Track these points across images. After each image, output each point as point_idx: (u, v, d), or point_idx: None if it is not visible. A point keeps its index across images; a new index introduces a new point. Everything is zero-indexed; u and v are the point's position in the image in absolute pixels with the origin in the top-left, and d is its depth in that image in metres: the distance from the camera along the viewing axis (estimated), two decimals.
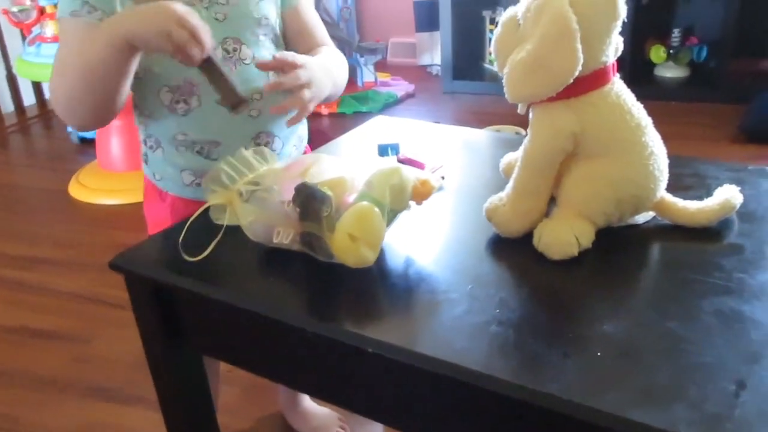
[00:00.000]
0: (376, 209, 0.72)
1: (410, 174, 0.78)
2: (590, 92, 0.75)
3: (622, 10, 0.74)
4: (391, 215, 0.76)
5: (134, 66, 0.89)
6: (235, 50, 0.98)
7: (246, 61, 0.98)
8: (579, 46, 0.71)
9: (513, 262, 0.77)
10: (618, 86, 0.78)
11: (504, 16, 0.79)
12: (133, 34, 0.83)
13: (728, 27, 3.13)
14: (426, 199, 0.80)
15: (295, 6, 1.08)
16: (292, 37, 1.09)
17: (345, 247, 0.70)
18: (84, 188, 2.66)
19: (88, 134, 3.06)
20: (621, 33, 0.77)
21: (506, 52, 0.77)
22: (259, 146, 0.95)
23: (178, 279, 0.76)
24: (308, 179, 0.76)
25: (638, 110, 0.78)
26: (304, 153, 1.13)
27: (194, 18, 0.83)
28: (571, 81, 0.72)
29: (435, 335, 0.64)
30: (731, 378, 0.56)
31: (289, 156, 1.08)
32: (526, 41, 0.74)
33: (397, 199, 0.75)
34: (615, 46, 0.77)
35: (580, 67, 0.71)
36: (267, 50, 1.01)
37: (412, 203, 0.79)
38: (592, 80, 0.75)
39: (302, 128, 1.13)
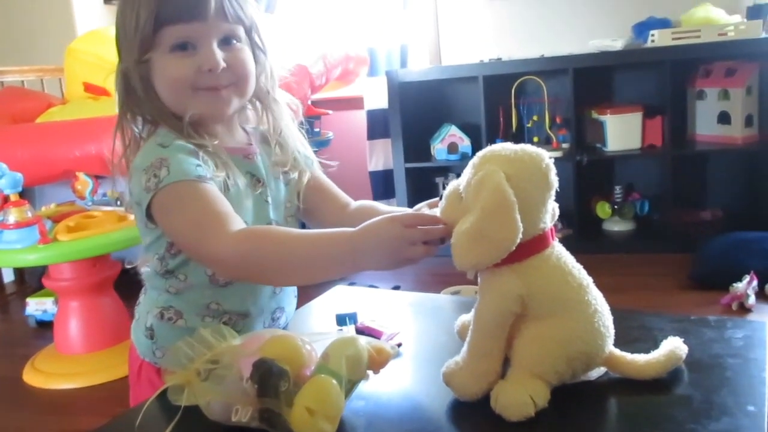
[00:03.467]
0: (334, 381, 0.73)
1: (366, 343, 0.80)
2: (532, 256, 0.80)
3: (554, 181, 0.81)
4: (349, 386, 0.77)
5: None
6: None
7: None
8: (518, 216, 0.76)
9: (473, 426, 0.77)
10: (558, 249, 0.83)
11: (447, 190, 0.85)
12: (372, 268, 0.83)
13: (665, 183, 3.34)
14: (383, 367, 0.81)
15: (312, 175, 1.10)
16: (316, 205, 1.11)
17: (303, 421, 0.70)
18: (39, 373, 2.58)
19: (46, 317, 3.02)
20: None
21: (451, 223, 0.82)
22: (275, 320, 1.04)
23: None
24: (266, 354, 0.77)
25: (579, 271, 0.82)
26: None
27: (418, 220, 0.83)
28: (514, 248, 0.76)
29: None
30: None
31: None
32: (469, 213, 0.79)
33: (353, 369, 0.76)
34: (551, 212, 0.83)
35: (520, 236, 0.76)
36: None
37: (369, 372, 0.80)
38: (533, 245, 0.80)
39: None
